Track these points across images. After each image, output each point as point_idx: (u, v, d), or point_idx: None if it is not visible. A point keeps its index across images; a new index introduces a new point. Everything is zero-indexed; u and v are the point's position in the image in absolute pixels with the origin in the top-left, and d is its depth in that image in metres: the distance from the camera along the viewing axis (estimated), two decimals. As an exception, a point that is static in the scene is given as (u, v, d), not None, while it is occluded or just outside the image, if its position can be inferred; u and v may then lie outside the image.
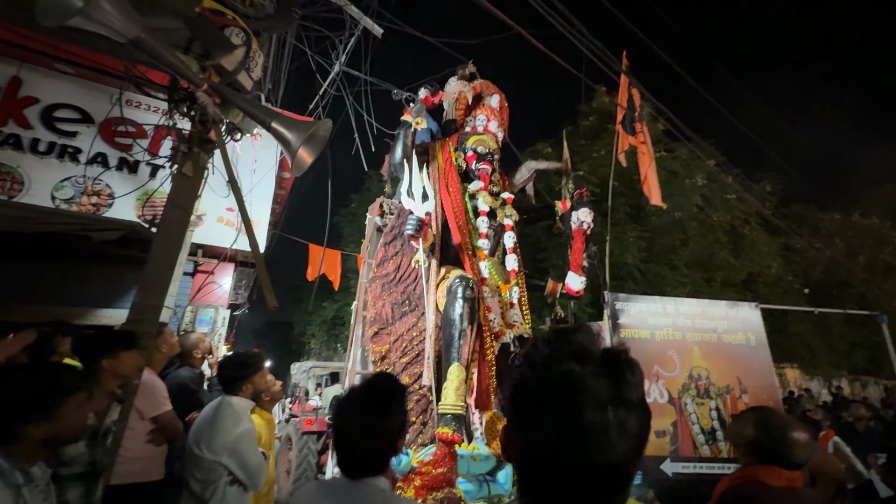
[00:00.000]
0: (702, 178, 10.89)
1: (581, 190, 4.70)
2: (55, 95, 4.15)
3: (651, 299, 6.05)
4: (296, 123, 2.30)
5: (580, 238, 4.45)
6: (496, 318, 3.62)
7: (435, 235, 3.75)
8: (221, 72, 2.39)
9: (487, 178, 4.14)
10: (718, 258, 11.32)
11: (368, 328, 3.90)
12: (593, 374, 0.52)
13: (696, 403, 5.43)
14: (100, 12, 1.66)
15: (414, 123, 3.91)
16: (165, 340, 2.16)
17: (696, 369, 5.61)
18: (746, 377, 5.65)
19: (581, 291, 4.28)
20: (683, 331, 5.79)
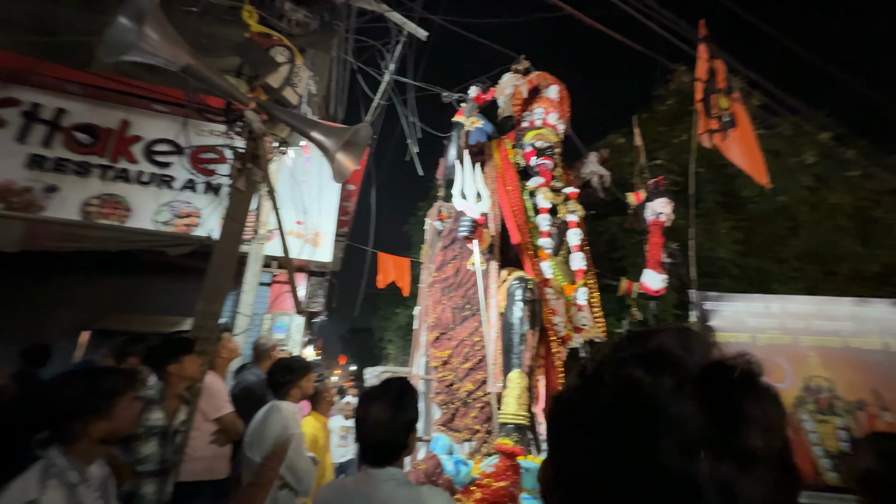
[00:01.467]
0: (812, 155, 9.32)
1: (656, 179, 4.24)
2: (153, 132, 4.80)
3: (750, 297, 5.24)
4: (334, 131, 2.34)
5: (657, 232, 4.01)
6: (562, 322, 3.36)
7: (493, 236, 3.61)
8: (268, 90, 2.51)
9: (548, 173, 3.90)
10: (841, 247, 9.58)
11: (429, 333, 3.86)
12: (675, 390, 0.33)
13: (816, 421, 4.56)
14: (149, 44, 1.81)
15: (467, 124, 3.82)
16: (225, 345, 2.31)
17: (814, 380, 4.72)
18: (888, 390, 4.61)
19: (661, 290, 3.84)
20: (794, 334, 4.92)
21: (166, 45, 1.92)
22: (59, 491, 1.19)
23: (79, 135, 4.66)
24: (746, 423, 0.31)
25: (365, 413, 1.29)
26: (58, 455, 1.25)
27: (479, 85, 3.60)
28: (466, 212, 3.09)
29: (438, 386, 3.62)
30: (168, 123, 4.74)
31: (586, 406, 0.36)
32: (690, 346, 0.35)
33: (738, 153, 5.57)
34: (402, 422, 1.28)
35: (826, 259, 10.01)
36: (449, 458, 2.80)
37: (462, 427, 3.38)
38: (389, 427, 1.26)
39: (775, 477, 0.31)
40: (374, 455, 1.28)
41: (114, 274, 4.46)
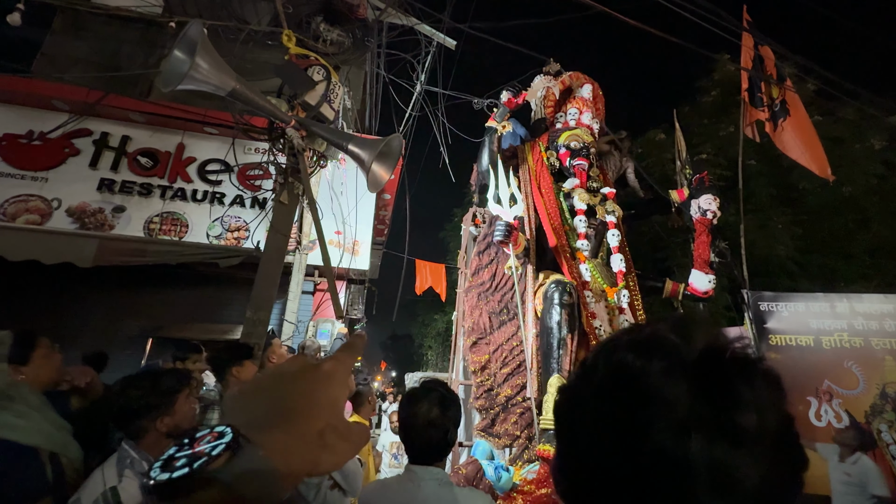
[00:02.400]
0: (880, 141, 8.55)
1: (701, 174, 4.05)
2: (206, 153, 5.18)
3: (812, 297, 4.85)
4: (368, 143, 2.43)
5: (704, 230, 3.82)
6: (602, 325, 3.27)
7: (528, 240, 3.58)
8: (307, 107, 2.65)
9: (584, 173, 3.82)
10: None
11: (466, 338, 3.87)
12: (665, 373, 0.33)
13: (895, 431, 4.13)
14: (200, 72, 1.97)
15: (499, 128, 3.83)
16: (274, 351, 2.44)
17: (891, 385, 4.28)
18: (980, 397, 4.11)
19: (710, 292, 3.64)
20: (866, 336, 4.50)
21: (215, 72, 2.08)
22: (133, 479, 1.32)
23: (142, 159, 5.12)
24: (737, 404, 0.31)
25: (411, 411, 1.33)
26: (131, 448, 1.39)
27: (510, 89, 3.61)
28: (501, 216, 3.09)
29: (477, 391, 3.62)
30: (218, 144, 5.10)
31: (584, 392, 0.37)
32: (687, 333, 0.35)
33: (794, 144, 5.20)
34: (447, 420, 1.31)
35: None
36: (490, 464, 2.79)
37: (502, 433, 3.36)
38: (435, 425, 1.30)
39: (772, 457, 0.31)
40: (420, 453, 1.32)
41: (173, 286, 4.86)
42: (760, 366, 0.34)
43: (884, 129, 8.93)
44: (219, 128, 5.00)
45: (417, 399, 1.35)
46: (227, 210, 4.92)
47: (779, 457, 0.32)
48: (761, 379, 0.33)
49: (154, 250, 3.99)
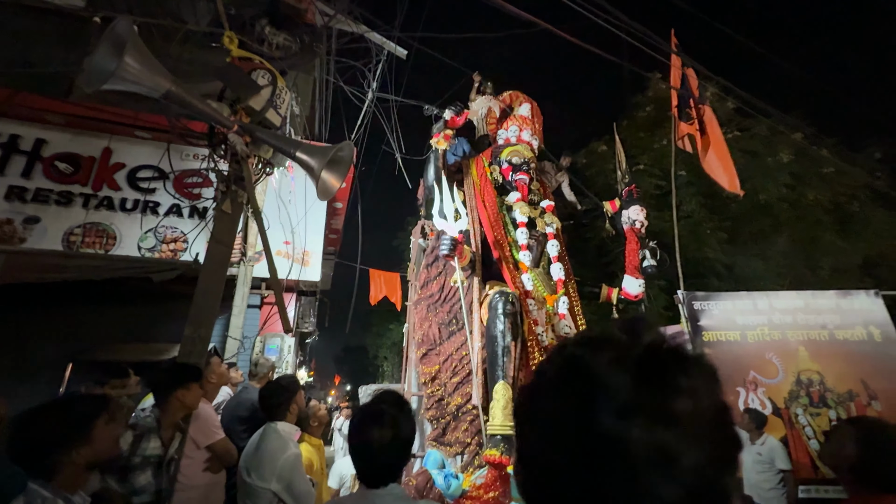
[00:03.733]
0: (787, 154, 9.61)
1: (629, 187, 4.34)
2: (137, 159, 4.79)
3: (737, 295, 5.31)
4: (317, 150, 2.36)
5: (633, 238, 4.10)
6: (544, 331, 3.40)
7: (473, 252, 3.67)
8: (251, 112, 2.54)
9: (525, 187, 4.00)
10: (823, 242, 9.81)
11: (417, 350, 3.87)
12: (610, 364, 0.36)
13: (809, 414, 4.60)
14: (130, 72, 1.83)
15: (443, 145, 3.90)
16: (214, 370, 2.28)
17: (804, 373, 4.77)
18: (875, 380, 4.69)
19: (640, 295, 3.92)
20: (783, 329, 4.99)
21: (147, 72, 1.94)
22: None
23: (60, 164, 4.62)
24: (674, 391, 0.34)
25: (362, 439, 1.24)
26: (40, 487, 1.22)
27: (453, 108, 3.71)
28: (446, 230, 3.16)
29: (428, 402, 3.62)
30: (151, 149, 4.73)
31: (539, 387, 0.40)
32: (634, 331, 0.38)
33: (710, 160, 5.73)
34: (400, 441, 1.24)
35: (810, 254, 10.24)
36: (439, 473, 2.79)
37: (453, 441, 3.38)
38: (388, 450, 1.22)
39: (708, 438, 0.33)
40: (375, 478, 1.24)
41: (100, 303, 4.39)
42: (697, 359, 0.36)
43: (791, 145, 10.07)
44: (152, 132, 4.65)
45: (367, 426, 1.26)
46: (161, 220, 4.55)
47: (714, 439, 0.34)
48: (697, 370, 0.35)
49: (75, 265, 3.58)
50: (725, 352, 4.89)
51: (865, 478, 1.01)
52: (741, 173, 10.13)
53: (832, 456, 1.09)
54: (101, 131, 4.67)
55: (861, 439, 1.03)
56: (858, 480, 1.02)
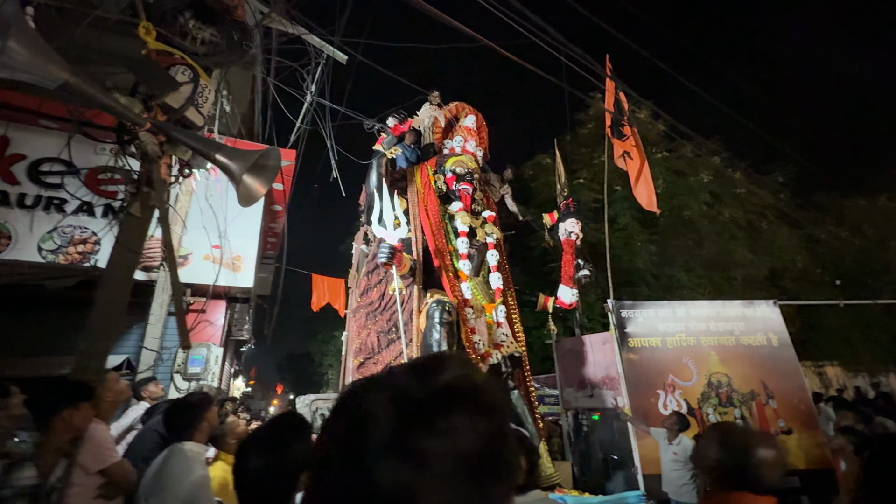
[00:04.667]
0: (707, 175, 10.58)
1: (567, 201, 4.58)
2: (40, 150, 4.30)
3: (659, 304, 5.74)
4: (239, 153, 2.26)
5: (570, 249, 4.31)
6: (482, 339, 3.48)
7: (414, 260, 3.68)
8: (168, 110, 2.38)
9: (468, 197, 4.08)
10: (736, 255, 10.86)
11: (354, 359, 3.81)
12: (379, 404, 0.36)
13: (718, 413, 5.05)
14: (15, 59, 1.66)
15: (387, 153, 3.90)
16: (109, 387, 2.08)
17: (715, 376, 5.24)
18: (772, 380, 5.25)
19: (574, 304, 4.12)
20: (697, 335, 5.46)
21: (38, 60, 1.76)
22: None
23: (-57, 153, 4.04)
24: (429, 432, 0.34)
25: (245, 458, 1.11)
26: None
27: (396, 116, 3.73)
28: (385, 238, 3.15)
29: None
30: (59, 140, 4.25)
31: (325, 423, 0.40)
32: (422, 370, 0.39)
33: (635, 180, 6.18)
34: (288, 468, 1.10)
35: (725, 266, 11.31)
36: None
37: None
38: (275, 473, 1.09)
39: (462, 477, 0.33)
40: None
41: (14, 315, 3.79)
42: (473, 397, 0.38)
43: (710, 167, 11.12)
44: (59, 121, 4.21)
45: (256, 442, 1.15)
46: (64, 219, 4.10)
47: (473, 475, 0.35)
48: (469, 410, 0.36)
49: None
50: (648, 357, 5.25)
51: (721, 476, 1.13)
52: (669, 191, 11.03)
53: (698, 457, 1.20)
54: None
55: (720, 442, 1.15)
56: (716, 479, 1.14)
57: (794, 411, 5.08)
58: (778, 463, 1.10)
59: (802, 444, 4.90)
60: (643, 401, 5.00)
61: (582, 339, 6.02)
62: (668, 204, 10.79)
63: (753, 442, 1.12)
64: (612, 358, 5.33)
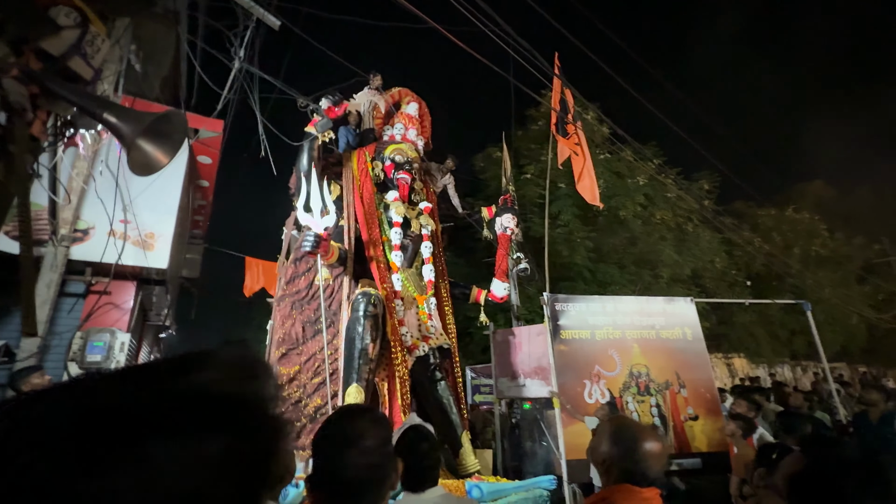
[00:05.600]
0: (643, 178, 11.22)
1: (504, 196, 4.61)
2: None
3: (590, 299, 6.00)
4: (134, 114, 1.98)
5: (504, 244, 4.35)
6: (410, 331, 3.42)
7: (344, 249, 3.53)
8: (44, 57, 2.04)
9: (406, 186, 3.97)
10: (664, 255, 11.65)
11: (276, 349, 3.60)
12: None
13: (636, 401, 5.39)
14: None
15: (320, 136, 3.67)
16: None
17: (636, 367, 5.58)
18: (684, 371, 5.67)
19: (505, 297, 4.17)
20: (623, 329, 5.76)
21: None
22: None
23: None
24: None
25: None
26: None
27: (331, 98, 3.51)
28: (311, 226, 2.97)
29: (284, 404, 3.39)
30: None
31: None
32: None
33: (579, 175, 6.38)
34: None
35: (654, 265, 12.12)
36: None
37: (308, 444, 3.22)
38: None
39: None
40: None
41: None
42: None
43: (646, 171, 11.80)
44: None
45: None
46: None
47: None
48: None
49: None
50: (577, 349, 5.48)
51: (609, 470, 1.14)
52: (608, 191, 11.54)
53: (592, 452, 1.21)
54: None
55: (610, 436, 1.16)
56: (605, 473, 1.15)
57: (700, 399, 5.54)
58: (661, 456, 1.12)
59: (706, 430, 5.36)
60: (570, 390, 5.21)
61: (517, 330, 6.16)
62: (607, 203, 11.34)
63: (640, 436, 1.13)
64: (545, 349, 5.50)
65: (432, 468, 1.31)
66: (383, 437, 0.81)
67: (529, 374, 5.76)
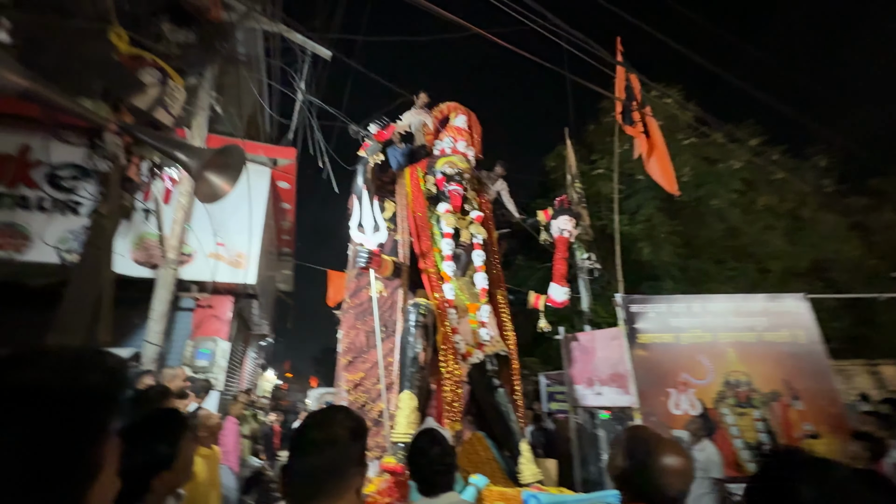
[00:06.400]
0: (738, 161, 9.92)
1: (560, 198, 4.41)
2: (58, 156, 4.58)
3: (673, 299, 5.43)
4: (198, 151, 2.30)
5: (562, 247, 4.16)
6: (465, 338, 3.43)
7: (399, 263, 3.68)
8: (136, 112, 2.45)
9: (458, 197, 4.02)
10: (771, 246, 10.13)
11: (342, 358, 3.85)
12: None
13: (736, 414, 4.73)
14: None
15: (371, 159, 3.87)
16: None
17: (732, 374, 4.91)
18: (798, 380, 4.85)
19: (565, 302, 3.97)
20: (714, 331, 5.12)
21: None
22: None
23: (-28, 162, 4.40)
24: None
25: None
26: None
27: (379, 122, 3.69)
28: (363, 243, 3.17)
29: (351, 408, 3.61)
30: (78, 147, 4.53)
31: None
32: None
33: (652, 164, 5.85)
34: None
35: (761, 258, 10.58)
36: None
37: (373, 446, 3.38)
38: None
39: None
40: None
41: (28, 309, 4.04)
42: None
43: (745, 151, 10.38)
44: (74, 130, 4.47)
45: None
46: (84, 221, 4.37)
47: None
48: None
49: None
50: (659, 354, 4.99)
51: (623, 485, 1.03)
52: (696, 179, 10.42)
53: (608, 463, 1.10)
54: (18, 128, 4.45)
55: (624, 448, 1.04)
56: (621, 488, 1.04)
57: (821, 413, 4.69)
58: (683, 472, 0.99)
59: (833, 450, 4.51)
60: (653, 400, 4.76)
61: (589, 335, 5.82)
62: (696, 193, 10.21)
63: (656, 449, 1.00)
64: (622, 354, 5.10)
65: (443, 473, 1.30)
66: (335, 437, 0.84)
67: (606, 381, 5.38)
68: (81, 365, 0.40)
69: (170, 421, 1.21)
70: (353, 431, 0.86)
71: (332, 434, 0.83)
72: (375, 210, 3.32)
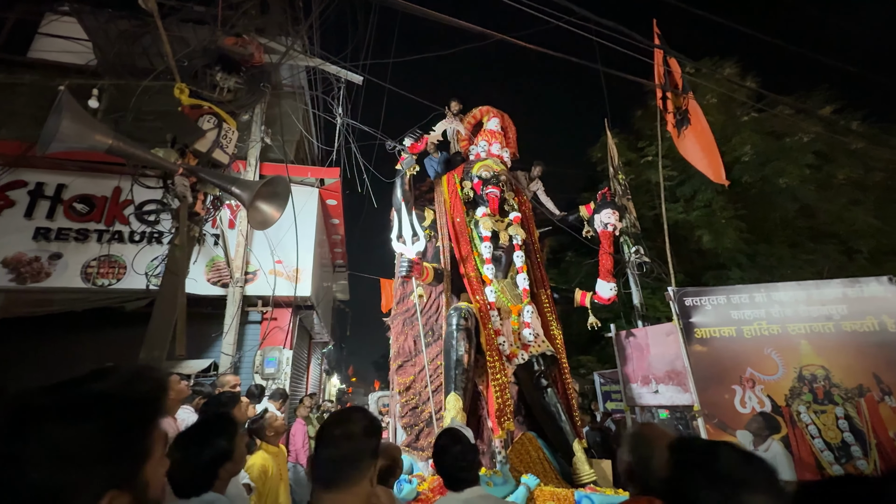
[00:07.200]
0: (807, 134, 9.01)
1: (603, 191, 4.32)
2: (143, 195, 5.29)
3: (732, 289, 5.08)
4: (248, 184, 2.60)
5: (607, 241, 4.07)
6: (508, 339, 3.49)
7: (439, 268, 3.82)
8: (198, 154, 2.82)
9: (496, 200, 4.10)
10: (857, 224, 9.08)
11: (393, 362, 4.06)
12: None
13: (813, 412, 4.33)
14: (67, 135, 2.14)
15: (407, 171, 4.06)
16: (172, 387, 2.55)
17: (807, 368, 4.51)
18: (888, 373, 4.35)
19: (613, 298, 3.88)
20: (783, 322, 4.74)
21: (87, 132, 2.24)
22: None
23: (77, 205, 5.21)
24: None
25: (172, 447, 1.28)
26: None
27: (412, 135, 3.88)
28: (404, 253, 3.34)
29: (403, 410, 3.78)
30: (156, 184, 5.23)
31: None
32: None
33: (694, 150, 5.52)
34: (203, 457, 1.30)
35: (845, 238, 9.51)
36: (397, 479, 2.95)
37: (426, 446, 3.53)
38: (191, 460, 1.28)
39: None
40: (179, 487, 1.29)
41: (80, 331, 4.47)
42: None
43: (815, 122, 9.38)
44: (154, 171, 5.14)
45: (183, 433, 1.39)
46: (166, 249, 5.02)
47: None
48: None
49: (60, 299, 4.08)
50: (720, 348, 4.70)
51: (631, 480, 1.07)
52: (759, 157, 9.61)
53: (619, 461, 1.15)
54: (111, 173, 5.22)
55: (630, 444, 1.09)
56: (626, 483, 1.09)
57: (921, 410, 4.17)
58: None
59: (938, 451, 4.00)
60: (715, 398, 4.50)
61: (641, 331, 5.60)
62: (761, 172, 9.40)
63: (658, 444, 1.05)
64: (678, 350, 4.87)
65: (467, 469, 1.40)
66: (351, 433, 0.98)
67: (662, 379, 5.15)
68: (136, 378, 0.57)
69: (226, 422, 1.44)
70: (367, 429, 1.00)
71: (349, 430, 0.98)
72: (414, 220, 3.49)
